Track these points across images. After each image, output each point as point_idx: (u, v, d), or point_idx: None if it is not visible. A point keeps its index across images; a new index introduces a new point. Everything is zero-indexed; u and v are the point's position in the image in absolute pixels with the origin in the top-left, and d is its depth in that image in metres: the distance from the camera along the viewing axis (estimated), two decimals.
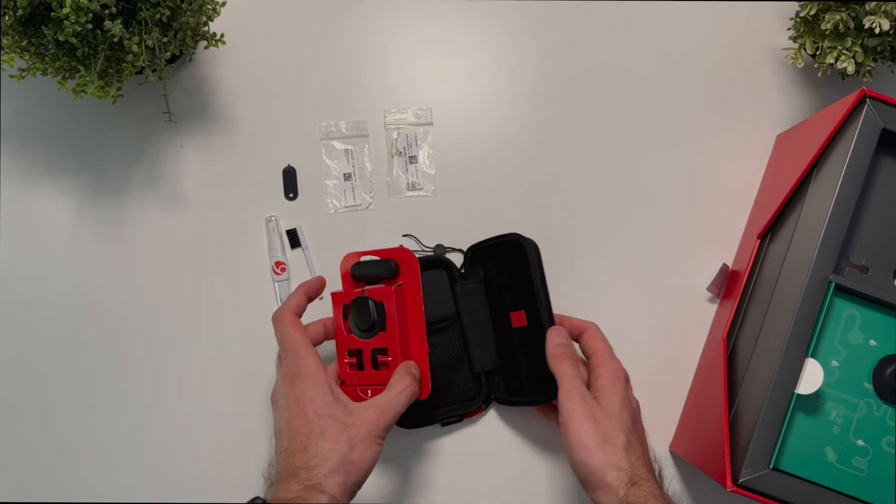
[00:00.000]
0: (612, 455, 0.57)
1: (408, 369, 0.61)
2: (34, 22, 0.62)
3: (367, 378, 0.63)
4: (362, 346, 0.63)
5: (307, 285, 0.64)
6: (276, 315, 0.62)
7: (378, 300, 0.62)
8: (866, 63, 0.67)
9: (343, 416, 0.57)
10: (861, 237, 0.63)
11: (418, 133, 0.77)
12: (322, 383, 0.58)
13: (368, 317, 0.62)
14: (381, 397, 0.59)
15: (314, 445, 0.56)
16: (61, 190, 0.76)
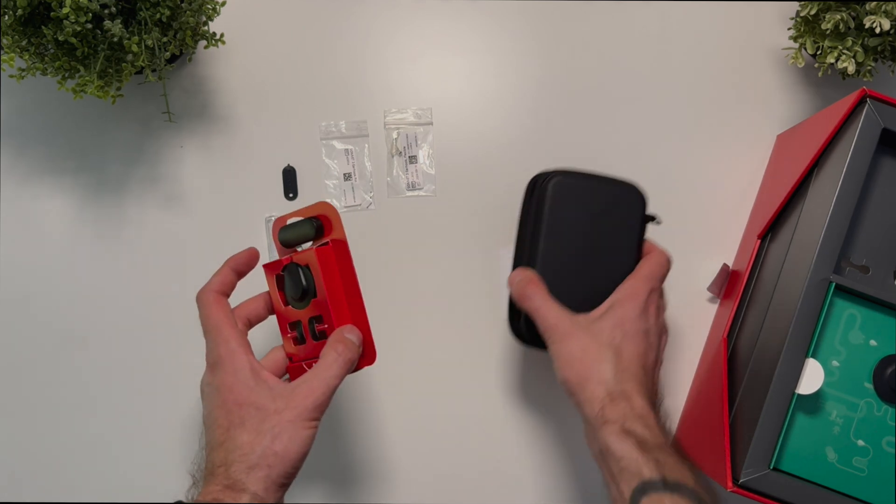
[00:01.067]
0: (591, 368, 0.55)
1: (340, 335, 0.55)
2: (34, 22, 0.62)
3: (310, 350, 0.58)
4: (300, 317, 0.58)
5: (234, 259, 0.58)
6: (199, 295, 0.57)
7: (304, 264, 0.57)
8: (867, 63, 0.67)
9: (267, 402, 0.52)
10: (861, 237, 0.63)
11: (418, 133, 0.77)
12: (243, 368, 0.53)
13: (299, 284, 0.56)
14: (310, 373, 0.54)
15: (232, 440, 0.51)
16: (61, 190, 0.76)
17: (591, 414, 0.54)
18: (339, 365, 0.54)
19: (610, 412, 0.53)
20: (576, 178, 0.64)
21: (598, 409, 0.53)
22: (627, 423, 0.52)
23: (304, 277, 0.57)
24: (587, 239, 0.63)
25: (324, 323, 0.57)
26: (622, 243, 0.64)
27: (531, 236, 0.63)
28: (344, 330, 0.56)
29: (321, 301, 0.56)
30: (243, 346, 0.55)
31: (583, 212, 0.63)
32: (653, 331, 0.59)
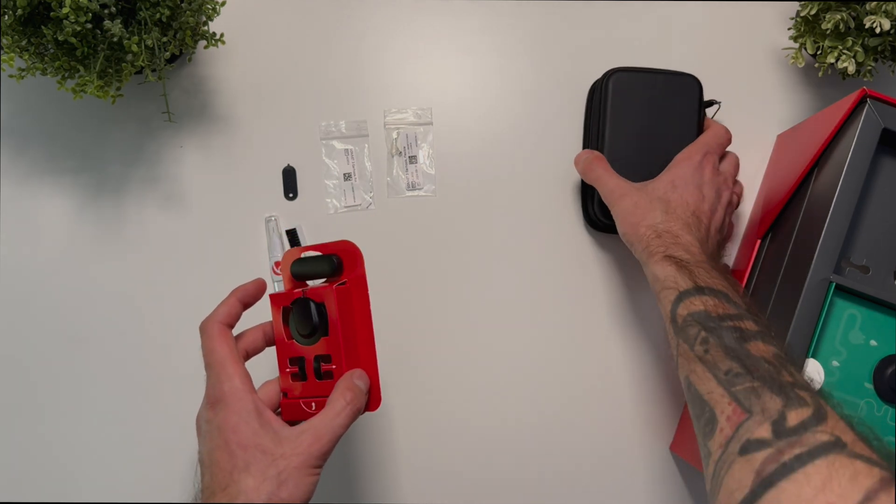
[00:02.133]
0: (643, 216, 0.62)
1: (350, 381, 0.54)
2: (34, 21, 0.62)
3: (311, 389, 0.56)
4: (305, 354, 0.56)
5: (242, 290, 0.57)
6: (203, 326, 0.55)
7: (319, 301, 0.55)
8: (867, 63, 0.67)
9: (271, 446, 0.50)
10: (861, 237, 0.63)
11: (418, 133, 0.77)
12: (247, 408, 0.51)
13: (309, 320, 0.55)
14: (317, 419, 0.52)
15: (236, 484, 0.49)
16: (61, 190, 0.76)
17: (640, 251, 0.61)
18: (347, 414, 0.52)
19: (654, 245, 0.59)
20: (634, 72, 0.72)
21: (645, 244, 0.60)
22: (669, 251, 0.58)
23: (317, 314, 0.55)
24: (648, 125, 0.72)
25: (332, 363, 0.55)
26: (682, 128, 0.72)
27: (597, 128, 0.72)
28: (354, 375, 0.54)
29: (332, 341, 0.55)
30: (248, 384, 0.53)
31: (643, 101, 0.72)
32: (708, 185, 0.65)
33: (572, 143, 0.77)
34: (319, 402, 0.54)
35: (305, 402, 0.55)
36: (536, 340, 0.76)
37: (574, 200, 0.77)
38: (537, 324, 0.76)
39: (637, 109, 0.72)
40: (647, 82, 0.72)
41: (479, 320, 0.76)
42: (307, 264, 0.57)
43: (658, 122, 0.72)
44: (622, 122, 0.71)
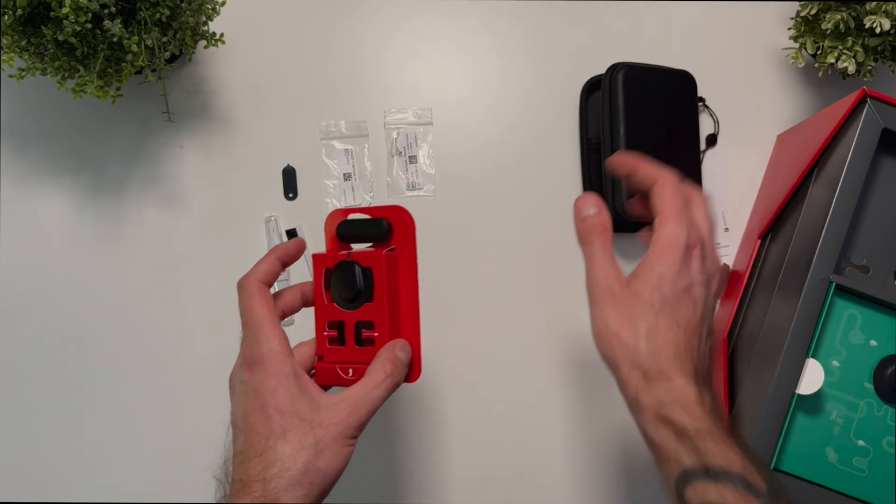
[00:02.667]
0: (626, 346, 0.49)
1: (392, 353, 0.52)
2: (34, 21, 0.62)
3: (348, 354, 0.54)
4: (345, 318, 0.54)
5: (282, 249, 0.55)
6: (242, 283, 0.53)
7: (366, 266, 0.53)
8: (867, 63, 0.67)
9: (309, 413, 0.49)
10: (862, 237, 0.62)
11: (418, 133, 0.77)
12: (286, 372, 0.50)
13: (353, 284, 0.53)
14: (356, 389, 0.50)
15: (272, 450, 0.48)
16: (61, 190, 0.76)
17: (627, 398, 0.50)
18: (387, 387, 0.51)
19: (645, 398, 0.48)
20: (638, 67, 0.73)
21: (633, 394, 0.49)
22: (664, 410, 0.47)
23: (363, 279, 0.53)
24: (658, 119, 0.73)
25: (374, 330, 0.53)
26: (685, 123, 0.74)
27: (609, 123, 0.72)
28: (396, 346, 0.52)
29: (377, 308, 0.53)
30: (286, 346, 0.51)
31: (650, 95, 0.73)
32: (697, 282, 0.51)
33: (572, 142, 0.77)
34: (357, 368, 0.53)
35: (342, 367, 0.53)
36: (538, 340, 0.76)
37: None
38: (538, 324, 0.76)
39: (646, 103, 0.72)
40: (651, 77, 0.73)
41: (480, 320, 0.76)
42: (355, 226, 0.55)
43: (665, 116, 0.73)
44: (635, 116, 0.72)
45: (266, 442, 0.48)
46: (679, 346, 0.49)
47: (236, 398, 0.51)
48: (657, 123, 0.73)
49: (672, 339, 0.49)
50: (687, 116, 0.75)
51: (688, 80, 0.75)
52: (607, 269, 0.51)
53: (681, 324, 0.49)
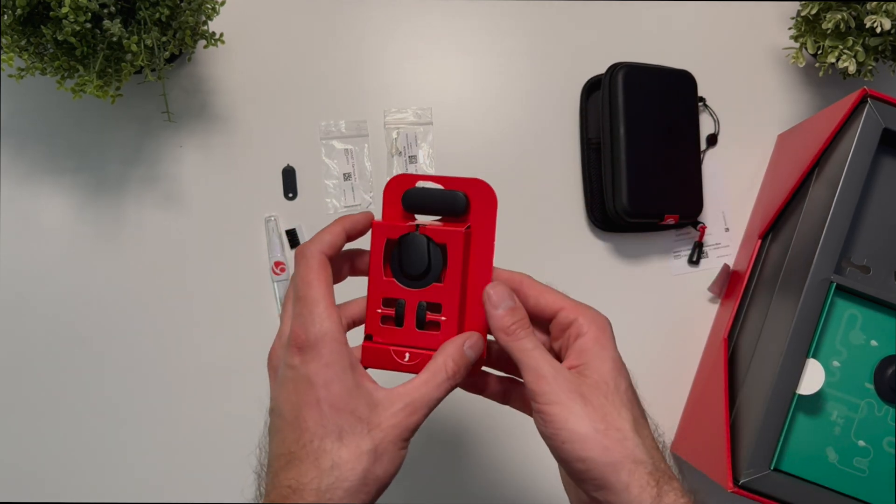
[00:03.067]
0: (622, 443, 0.42)
1: (460, 350, 0.46)
2: (33, 21, 0.62)
3: (407, 337, 0.48)
4: (406, 297, 0.48)
5: (350, 221, 0.49)
6: (303, 251, 0.46)
7: (440, 242, 0.47)
8: (867, 62, 0.67)
9: (366, 412, 0.43)
10: (862, 237, 0.62)
11: (418, 133, 0.77)
12: (343, 363, 0.44)
13: (423, 261, 0.47)
14: (415, 387, 0.45)
15: (327, 455, 0.42)
16: (60, 189, 0.76)
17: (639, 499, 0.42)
18: (447, 388, 0.45)
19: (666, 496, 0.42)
20: (638, 67, 0.73)
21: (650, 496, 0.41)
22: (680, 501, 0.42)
23: (432, 255, 0.47)
24: (657, 118, 0.72)
25: (440, 314, 0.48)
26: (685, 122, 0.75)
27: (608, 122, 0.72)
28: (467, 342, 0.47)
29: (448, 290, 0.47)
30: (343, 332, 0.45)
31: (650, 94, 0.73)
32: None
33: (572, 142, 0.77)
34: (416, 354, 0.47)
35: (397, 351, 0.48)
36: None
37: (577, 199, 0.77)
38: None
39: (646, 103, 0.72)
40: (652, 77, 0.73)
41: None
42: (428, 197, 0.49)
43: (665, 115, 0.73)
44: (635, 116, 0.72)
45: (320, 444, 0.42)
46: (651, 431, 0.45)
47: (282, 385, 0.44)
48: (657, 123, 0.73)
49: (648, 427, 0.45)
50: (687, 116, 0.75)
51: (688, 79, 0.75)
52: (552, 363, 0.44)
53: (641, 406, 0.46)
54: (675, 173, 0.73)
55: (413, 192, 0.49)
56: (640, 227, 0.75)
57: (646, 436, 0.43)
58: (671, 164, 0.73)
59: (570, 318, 0.46)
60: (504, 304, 0.46)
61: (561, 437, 0.42)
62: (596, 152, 0.75)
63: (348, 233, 0.48)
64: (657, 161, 0.72)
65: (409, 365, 0.47)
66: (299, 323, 0.44)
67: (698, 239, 0.76)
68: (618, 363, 0.45)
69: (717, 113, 0.78)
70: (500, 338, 0.46)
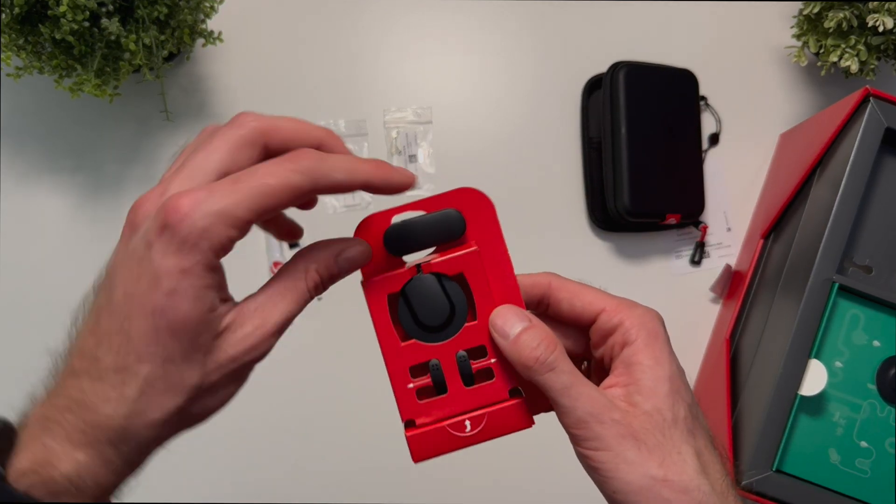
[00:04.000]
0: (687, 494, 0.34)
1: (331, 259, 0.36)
2: (31, 20, 0.62)
3: (457, 402, 0.39)
4: (438, 355, 0.39)
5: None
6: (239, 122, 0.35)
7: (453, 274, 0.39)
8: (870, 61, 0.67)
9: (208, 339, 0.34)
10: (864, 237, 0.62)
11: (418, 132, 0.77)
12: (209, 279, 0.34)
13: (443, 303, 0.39)
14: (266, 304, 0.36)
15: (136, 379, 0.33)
16: (58, 189, 0.76)
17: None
18: (303, 303, 0.35)
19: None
20: (639, 66, 0.73)
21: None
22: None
23: (451, 293, 0.39)
24: (659, 117, 0.72)
25: (487, 357, 0.39)
26: (685, 121, 0.74)
27: (610, 121, 0.72)
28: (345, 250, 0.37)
29: (484, 326, 0.39)
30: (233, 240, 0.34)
31: (651, 93, 0.72)
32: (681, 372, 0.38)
33: (573, 141, 0.77)
34: (478, 417, 0.39)
35: (454, 424, 0.39)
36: None
37: (578, 198, 0.77)
38: None
39: (647, 102, 0.72)
40: (653, 75, 0.73)
41: None
42: (414, 228, 0.40)
43: (667, 115, 0.73)
44: (637, 115, 0.72)
45: (136, 365, 0.32)
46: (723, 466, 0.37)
47: (125, 260, 0.34)
48: (659, 122, 0.72)
49: (719, 462, 0.36)
50: (689, 115, 0.74)
51: (690, 78, 0.75)
52: (595, 397, 0.35)
53: (707, 432, 0.37)
54: (677, 173, 0.73)
55: (393, 229, 0.40)
56: (642, 227, 0.75)
57: (714, 475, 0.35)
58: (673, 163, 0.73)
59: (613, 323, 0.38)
60: (514, 330, 0.37)
61: (611, 487, 0.35)
62: (597, 151, 0.75)
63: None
64: (659, 160, 0.72)
65: (475, 435, 0.39)
66: (189, 196, 0.32)
67: (700, 239, 0.76)
68: (675, 382, 0.36)
69: (718, 112, 0.77)
70: (522, 373, 0.37)
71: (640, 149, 0.71)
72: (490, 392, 0.39)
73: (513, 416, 0.39)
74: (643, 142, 0.71)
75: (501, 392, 0.39)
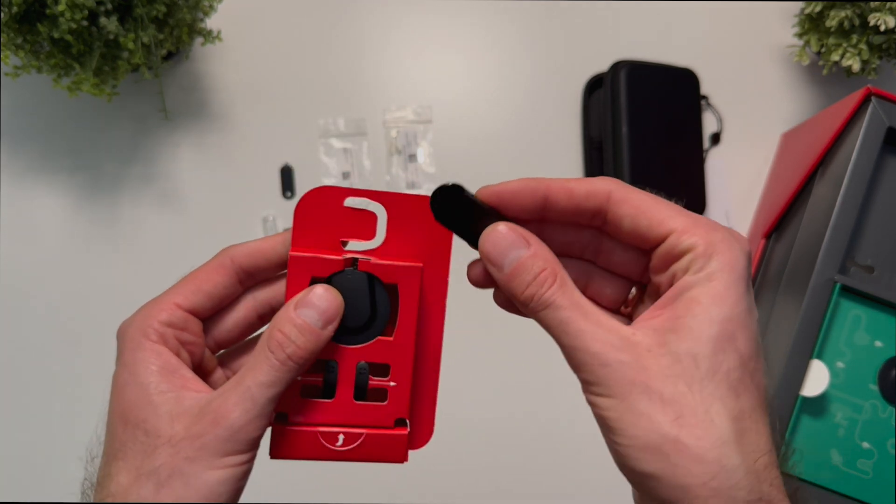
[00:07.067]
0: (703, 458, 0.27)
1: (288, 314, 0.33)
2: (29, 19, 0.62)
3: (339, 413, 0.36)
4: (338, 357, 0.36)
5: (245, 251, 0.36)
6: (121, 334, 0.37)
7: (389, 281, 0.36)
8: (872, 60, 0.67)
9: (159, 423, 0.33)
10: (867, 237, 0.62)
11: (418, 131, 0.77)
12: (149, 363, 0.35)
13: (364, 307, 0.36)
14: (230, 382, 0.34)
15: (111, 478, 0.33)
16: (57, 188, 0.75)
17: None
18: (270, 366, 0.33)
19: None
20: (640, 65, 0.72)
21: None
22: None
23: (378, 300, 0.36)
24: (661, 116, 0.72)
25: (388, 377, 0.37)
26: (687, 120, 0.74)
27: (610, 120, 0.71)
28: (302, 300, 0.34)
29: (399, 346, 0.37)
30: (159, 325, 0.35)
31: (653, 92, 0.72)
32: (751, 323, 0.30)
33: (574, 141, 0.77)
34: (354, 435, 0.36)
35: (327, 434, 0.36)
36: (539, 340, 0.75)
37: None
38: None
39: (649, 101, 0.72)
40: (654, 75, 0.73)
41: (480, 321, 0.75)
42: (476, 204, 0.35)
43: (668, 114, 0.73)
44: (638, 114, 0.71)
45: (108, 465, 0.34)
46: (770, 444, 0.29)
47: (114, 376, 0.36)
48: (660, 122, 0.72)
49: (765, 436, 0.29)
50: (690, 115, 0.74)
51: (691, 78, 0.75)
52: (599, 334, 0.30)
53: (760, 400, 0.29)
54: (678, 172, 0.73)
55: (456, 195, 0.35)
56: None
57: (752, 447, 0.28)
58: (674, 162, 0.73)
59: (683, 246, 0.30)
60: (510, 259, 0.32)
61: (616, 440, 0.29)
62: (598, 151, 0.74)
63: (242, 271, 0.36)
64: (660, 160, 0.72)
65: (344, 452, 0.36)
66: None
67: None
68: (730, 326, 0.29)
69: (720, 111, 0.77)
70: (519, 307, 0.33)
71: (641, 148, 0.71)
72: (377, 414, 0.37)
73: (390, 445, 0.37)
74: (644, 141, 0.71)
75: (388, 418, 0.37)
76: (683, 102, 0.74)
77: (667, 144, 0.72)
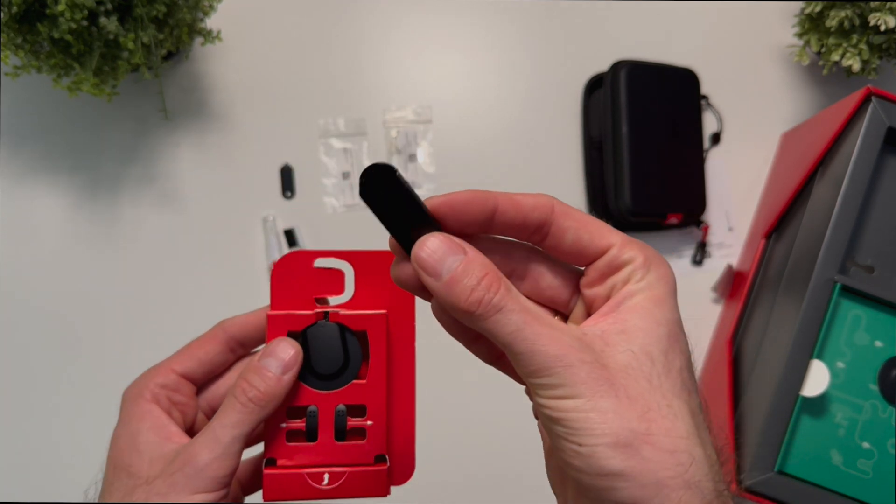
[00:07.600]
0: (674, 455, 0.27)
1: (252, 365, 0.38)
2: (29, 19, 0.62)
3: (322, 454, 0.40)
4: (318, 402, 0.40)
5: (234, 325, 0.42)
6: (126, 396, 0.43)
7: (358, 329, 0.40)
8: (872, 60, 0.67)
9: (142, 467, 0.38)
10: (867, 237, 0.62)
11: (418, 131, 0.77)
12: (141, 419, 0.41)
13: (338, 355, 0.40)
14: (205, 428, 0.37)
15: None
16: (56, 188, 0.75)
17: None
18: (233, 409, 0.36)
19: None
20: (640, 64, 0.72)
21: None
22: None
23: (350, 347, 0.40)
24: (660, 116, 0.72)
25: (364, 418, 0.40)
26: (687, 119, 0.74)
27: (610, 120, 0.71)
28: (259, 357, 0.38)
29: (371, 388, 0.40)
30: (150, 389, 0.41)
31: (653, 92, 0.72)
32: None
33: (574, 141, 0.77)
34: (338, 474, 0.39)
35: (313, 474, 0.39)
36: None
37: (579, 198, 0.77)
38: None
39: (649, 101, 0.72)
40: (655, 75, 0.73)
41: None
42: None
43: (668, 114, 0.73)
44: (638, 114, 0.71)
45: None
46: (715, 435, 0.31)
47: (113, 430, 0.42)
48: (660, 122, 0.72)
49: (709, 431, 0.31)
50: (690, 115, 0.74)
51: (691, 78, 0.75)
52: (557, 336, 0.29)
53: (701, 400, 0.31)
54: (679, 172, 0.73)
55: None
56: (643, 227, 0.75)
57: (707, 440, 0.29)
58: (674, 162, 0.73)
59: (621, 259, 0.32)
60: (448, 265, 0.31)
61: (577, 441, 0.28)
62: (598, 151, 0.74)
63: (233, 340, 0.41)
64: (660, 160, 0.72)
65: (330, 490, 0.39)
66: None
67: (701, 239, 0.75)
68: (674, 329, 0.30)
69: (720, 111, 0.77)
70: (463, 321, 0.31)
71: (641, 148, 0.71)
72: (357, 452, 0.40)
73: (372, 481, 0.40)
74: (645, 141, 0.71)
75: (368, 455, 0.40)
76: (683, 102, 0.74)
77: (667, 144, 0.72)
